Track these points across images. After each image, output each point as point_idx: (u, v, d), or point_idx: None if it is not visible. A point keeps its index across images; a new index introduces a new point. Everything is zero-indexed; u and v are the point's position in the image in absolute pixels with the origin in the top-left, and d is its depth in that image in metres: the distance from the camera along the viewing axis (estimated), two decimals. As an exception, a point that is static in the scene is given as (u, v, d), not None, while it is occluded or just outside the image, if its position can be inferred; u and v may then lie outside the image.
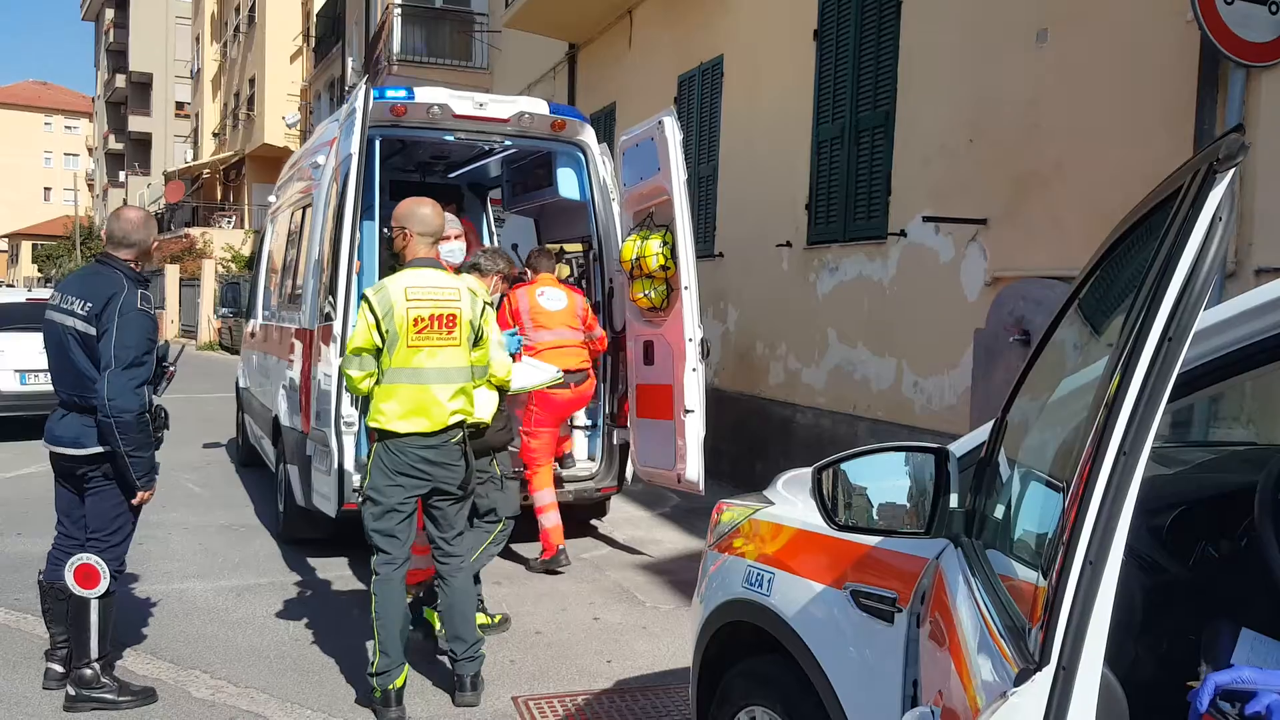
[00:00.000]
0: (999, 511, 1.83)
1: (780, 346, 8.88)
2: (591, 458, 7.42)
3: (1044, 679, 1.08)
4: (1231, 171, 1.04)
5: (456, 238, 5.96)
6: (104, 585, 4.20)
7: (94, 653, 4.23)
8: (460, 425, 4.36)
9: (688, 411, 6.49)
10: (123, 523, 4.34)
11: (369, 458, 4.34)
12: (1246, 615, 2.15)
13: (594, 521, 7.64)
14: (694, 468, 6.49)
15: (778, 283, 8.86)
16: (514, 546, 7.01)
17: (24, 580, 5.79)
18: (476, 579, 4.98)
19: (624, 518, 8.03)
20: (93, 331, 4.14)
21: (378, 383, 4.25)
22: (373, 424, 4.28)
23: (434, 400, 4.26)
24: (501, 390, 4.76)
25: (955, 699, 1.48)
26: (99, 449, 4.18)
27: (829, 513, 2.15)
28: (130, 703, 4.25)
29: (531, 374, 5.73)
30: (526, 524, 6.92)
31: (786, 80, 8.72)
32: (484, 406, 4.64)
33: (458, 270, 5.21)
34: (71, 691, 4.22)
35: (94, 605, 4.21)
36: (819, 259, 8.28)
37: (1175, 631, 2.14)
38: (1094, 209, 5.54)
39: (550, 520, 6.46)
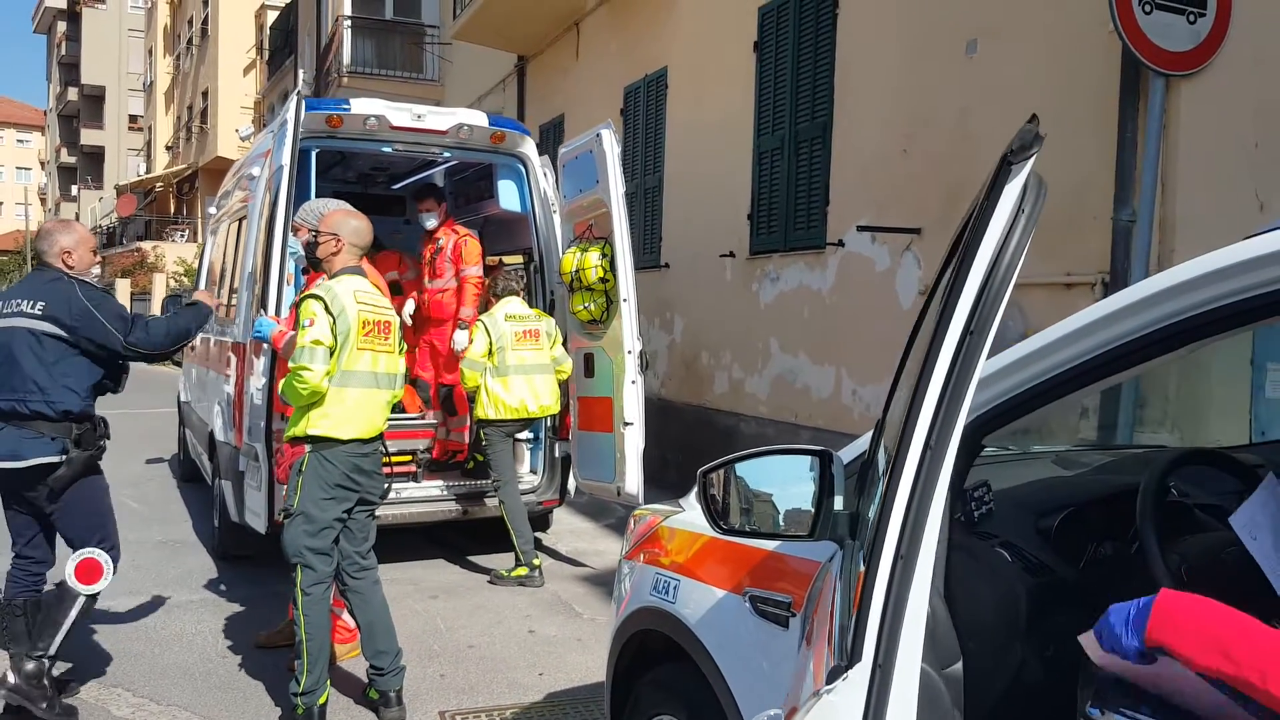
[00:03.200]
0: (872, 512, 1.82)
1: (725, 356, 8.89)
2: (533, 471, 7.37)
3: (858, 676, 1.07)
4: (1029, 163, 1.04)
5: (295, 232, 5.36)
6: (105, 581, 4.16)
7: (53, 649, 4.12)
8: (381, 436, 4.36)
9: (627, 424, 6.48)
10: (110, 507, 4.30)
11: (300, 470, 4.17)
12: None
13: (537, 534, 7.57)
14: (633, 480, 6.48)
15: (722, 293, 8.88)
16: (473, 559, 6.98)
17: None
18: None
19: (568, 529, 8.00)
20: (47, 328, 4.04)
21: None
22: (313, 430, 4.11)
23: (379, 405, 4.29)
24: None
25: (803, 699, 1.47)
26: (42, 459, 4.05)
27: (714, 516, 2.13)
28: (56, 717, 4.13)
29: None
30: (487, 532, 6.90)
31: (728, 91, 8.76)
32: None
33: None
34: (11, 680, 4.07)
35: (79, 601, 4.13)
36: (761, 269, 8.31)
37: (1062, 634, 2.14)
38: (1023, 217, 5.59)
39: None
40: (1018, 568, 2.13)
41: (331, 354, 4.10)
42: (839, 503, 2.02)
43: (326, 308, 4.09)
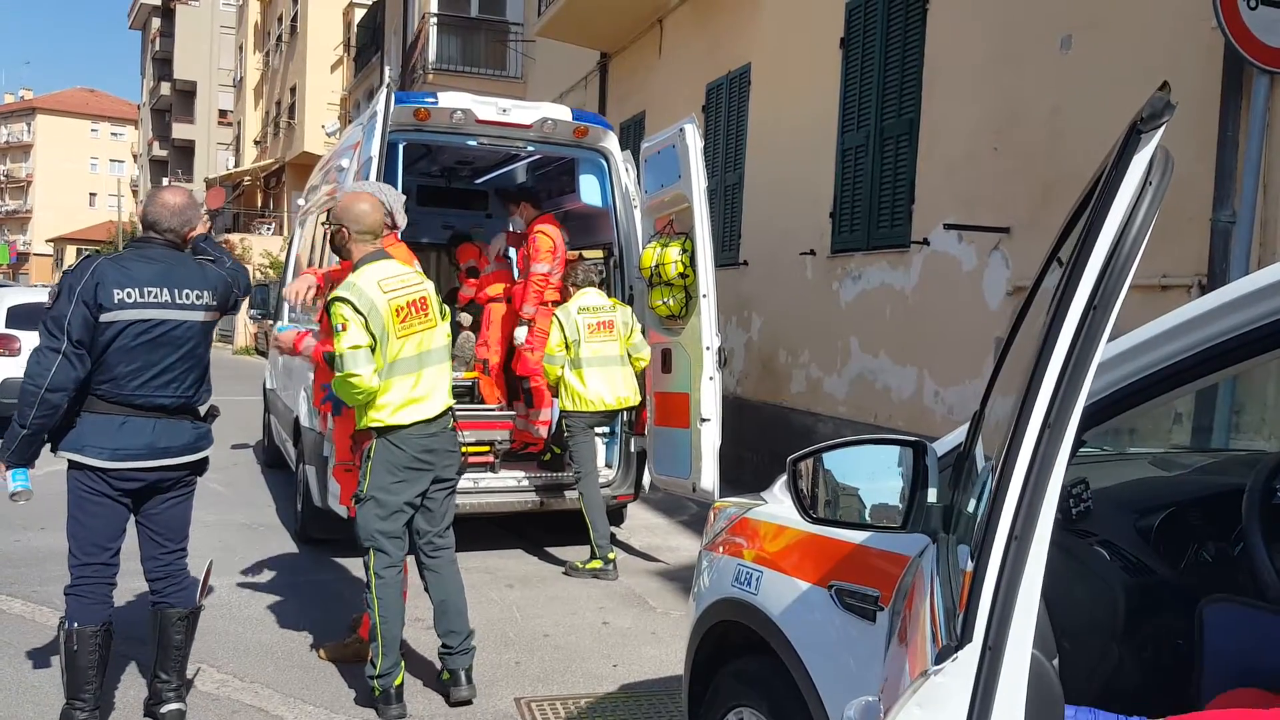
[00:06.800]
0: (971, 505, 1.79)
1: (803, 355, 8.83)
2: (609, 465, 7.39)
3: (967, 657, 1.04)
4: (1158, 132, 1.01)
5: None
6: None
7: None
8: (451, 410, 4.36)
9: (704, 420, 6.47)
10: None
11: (368, 457, 4.20)
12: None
13: (612, 528, 7.61)
14: (709, 477, 6.47)
15: (801, 291, 8.82)
16: (549, 550, 7.04)
17: (45, 573, 5.88)
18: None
19: (642, 524, 8.02)
20: (211, 319, 3.95)
21: None
22: (375, 424, 4.13)
23: (432, 385, 4.24)
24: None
25: (905, 683, 1.44)
26: (208, 450, 4.02)
27: (804, 506, 2.11)
28: None
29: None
30: (563, 524, 6.96)
31: (813, 88, 8.69)
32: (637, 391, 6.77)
33: None
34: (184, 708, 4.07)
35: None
36: (842, 267, 8.23)
37: (1161, 636, 2.09)
38: (1116, 217, 5.45)
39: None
40: (1116, 567, 2.08)
41: (373, 350, 4.03)
42: (932, 495, 1.99)
43: (355, 308, 4.00)
